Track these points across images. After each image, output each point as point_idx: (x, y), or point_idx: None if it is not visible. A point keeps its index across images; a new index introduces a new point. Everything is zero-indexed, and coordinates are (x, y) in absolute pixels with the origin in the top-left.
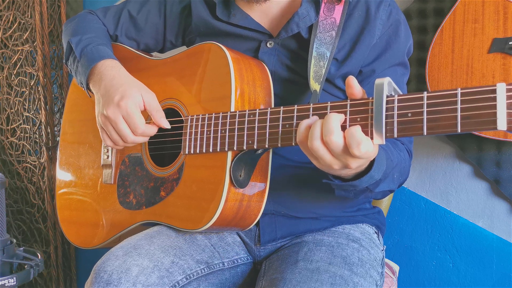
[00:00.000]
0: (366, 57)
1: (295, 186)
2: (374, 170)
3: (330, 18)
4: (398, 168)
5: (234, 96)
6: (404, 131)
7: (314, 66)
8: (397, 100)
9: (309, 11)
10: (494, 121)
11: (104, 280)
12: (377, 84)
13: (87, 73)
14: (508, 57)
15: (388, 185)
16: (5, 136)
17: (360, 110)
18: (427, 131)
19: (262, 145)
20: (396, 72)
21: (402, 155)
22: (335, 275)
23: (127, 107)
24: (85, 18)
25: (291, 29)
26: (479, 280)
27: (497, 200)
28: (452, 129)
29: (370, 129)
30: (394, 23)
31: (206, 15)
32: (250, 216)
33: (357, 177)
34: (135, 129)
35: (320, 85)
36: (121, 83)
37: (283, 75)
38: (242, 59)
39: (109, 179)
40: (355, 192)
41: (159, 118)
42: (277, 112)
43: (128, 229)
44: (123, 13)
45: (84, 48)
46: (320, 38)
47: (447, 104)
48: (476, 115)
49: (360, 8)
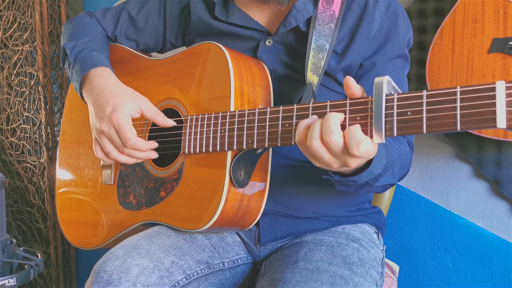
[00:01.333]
0: (366, 50)
1: (295, 185)
2: (374, 165)
3: (329, 11)
4: (399, 161)
5: (233, 96)
6: (403, 129)
7: (313, 58)
8: (396, 98)
9: (306, 4)
10: (493, 119)
11: (104, 280)
12: (376, 82)
13: (80, 81)
14: (508, 57)
15: (388, 178)
16: (5, 136)
17: (359, 109)
18: (426, 130)
19: (261, 144)
20: (397, 64)
21: (403, 148)
22: (335, 275)
23: (118, 119)
24: (82, 21)
25: (289, 22)
26: (479, 280)
27: (497, 200)
28: (451, 127)
29: (370, 128)
30: (393, 15)
31: (205, 15)
32: (250, 215)
33: (357, 172)
34: (126, 141)
35: (319, 78)
36: (112, 94)
37: (282, 73)
38: (241, 58)
39: (109, 179)
40: (355, 186)
41: (163, 119)
42: (276, 111)
43: (128, 229)
44: (122, 14)
45: (78, 54)
46: (319, 30)
47: (447, 102)
48: (476, 113)
49: (359, 0)
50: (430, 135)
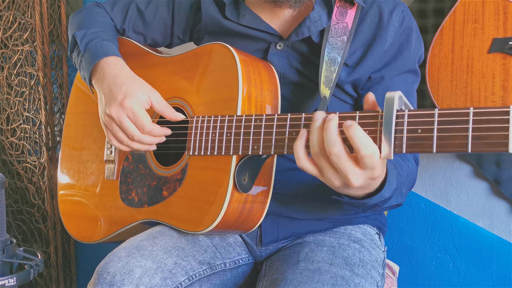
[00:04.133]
0: (376, 63)
1: (298, 189)
2: (385, 190)
3: (342, 23)
4: (407, 182)
5: (240, 99)
6: (413, 147)
7: (326, 71)
8: (407, 115)
9: (321, 15)
10: (506, 143)
11: (107, 282)
12: (388, 98)
13: (90, 69)
14: (508, 57)
15: (396, 199)
16: (5, 136)
17: (369, 123)
18: (436, 149)
19: (267, 151)
20: (407, 79)
21: (410, 165)
22: (336, 276)
23: (132, 106)
24: (92, 11)
25: (302, 32)
26: (479, 280)
27: (497, 200)
28: (462, 148)
29: (379, 142)
30: (407, 30)
31: (216, 14)
32: (252, 219)
33: (368, 196)
34: (142, 127)
35: (330, 91)
36: (124, 81)
37: (292, 79)
38: (250, 61)
39: (112, 174)
40: (363, 207)
41: (172, 113)
42: (284, 119)
43: (128, 226)
44: (131, 7)
45: (88, 43)
46: (332, 42)
47: (459, 122)
48: (488, 136)
49: (373, 13)
50: None
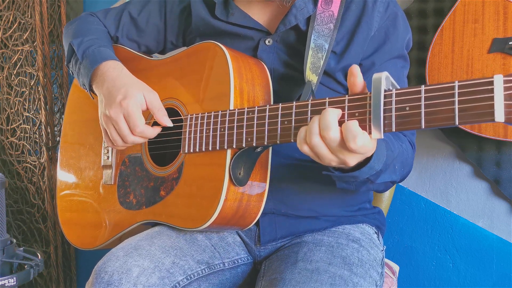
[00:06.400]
0: (365, 50)
1: (295, 184)
2: (374, 160)
3: (328, 11)
4: (400, 159)
5: (233, 95)
6: (402, 125)
7: (312, 58)
8: (395, 94)
9: (306, 3)
10: (491, 112)
11: (105, 281)
12: (375, 78)
13: (90, 75)
14: (508, 57)
15: (389, 175)
16: (5, 136)
17: (358, 105)
18: (425, 125)
19: (261, 142)
20: (396, 64)
21: (404, 146)
22: (334, 275)
23: (128, 106)
24: (86, 20)
25: (289, 21)
26: (479, 280)
27: (497, 200)
28: (449, 121)
29: (368, 123)
30: (392, 15)
31: (205, 15)
32: (250, 214)
33: (357, 168)
34: (134, 128)
35: (318, 77)
36: (123, 83)
37: (281, 72)
38: (241, 57)
39: (109, 179)
40: (356, 183)
41: (161, 117)
42: (275, 109)
43: (128, 229)
44: (123, 15)
45: (86, 50)
46: (318, 30)
47: (445, 97)
48: (474, 107)
49: (358, 1)
50: (430, 135)
